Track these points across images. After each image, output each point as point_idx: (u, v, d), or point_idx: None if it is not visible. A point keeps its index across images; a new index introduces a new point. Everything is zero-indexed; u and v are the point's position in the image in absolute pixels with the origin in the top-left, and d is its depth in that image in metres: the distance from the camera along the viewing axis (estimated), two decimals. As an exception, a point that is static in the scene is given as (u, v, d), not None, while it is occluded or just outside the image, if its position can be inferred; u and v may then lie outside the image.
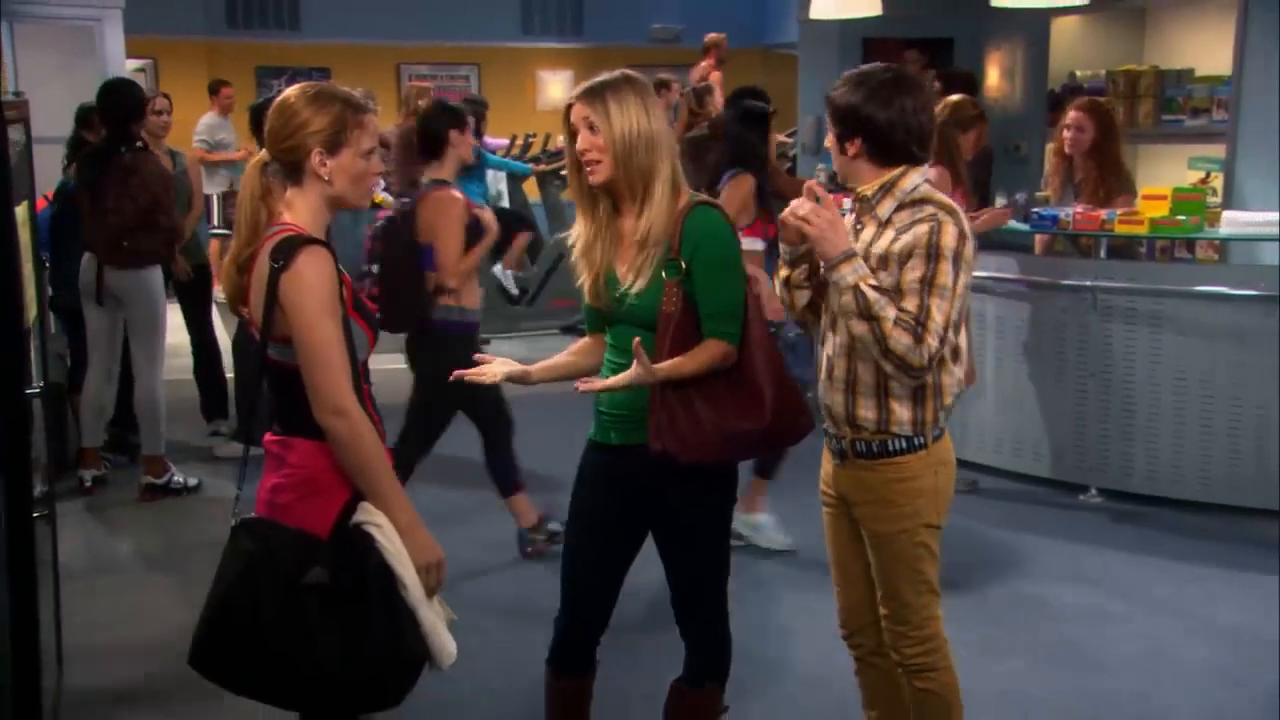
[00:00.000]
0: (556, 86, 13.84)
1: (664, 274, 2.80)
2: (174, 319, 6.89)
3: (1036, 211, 6.01)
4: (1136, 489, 5.74)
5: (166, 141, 6.87)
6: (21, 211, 3.36)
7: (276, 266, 2.50)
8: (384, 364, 3.66)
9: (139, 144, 5.93)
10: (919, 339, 2.72)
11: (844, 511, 3.07)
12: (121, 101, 5.92)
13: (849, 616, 3.19)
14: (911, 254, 2.77)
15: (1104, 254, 5.91)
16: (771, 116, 5.33)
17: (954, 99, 5.75)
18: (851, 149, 2.91)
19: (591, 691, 3.18)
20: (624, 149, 2.79)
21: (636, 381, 2.76)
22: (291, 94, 2.62)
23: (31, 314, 3.36)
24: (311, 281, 2.49)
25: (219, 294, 3.94)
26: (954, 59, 8.64)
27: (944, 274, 2.75)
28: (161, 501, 5.93)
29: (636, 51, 13.26)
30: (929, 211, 2.81)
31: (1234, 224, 5.92)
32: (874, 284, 2.75)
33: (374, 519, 2.53)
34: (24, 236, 3.27)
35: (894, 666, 3.09)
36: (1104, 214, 5.75)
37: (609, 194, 2.88)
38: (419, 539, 2.56)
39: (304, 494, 2.56)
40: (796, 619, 4.54)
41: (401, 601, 2.52)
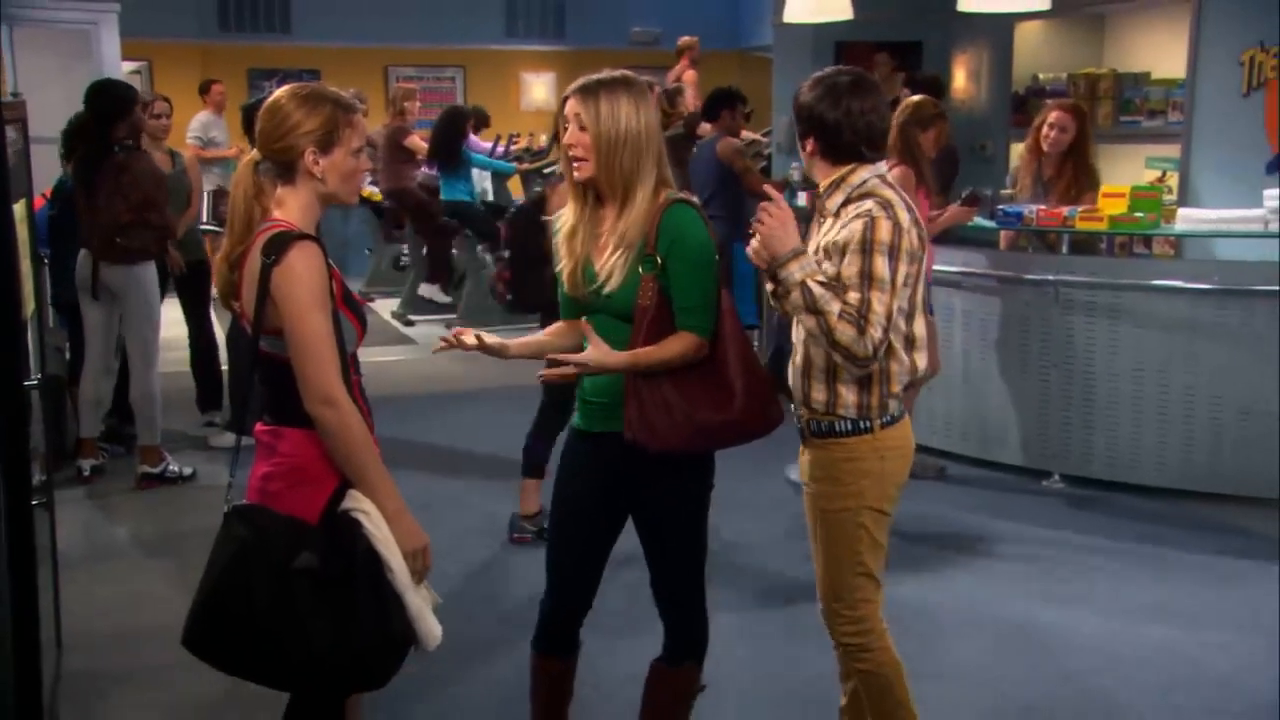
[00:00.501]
0: (540, 87, 13.82)
1: (640, 269, 2.80)
2: (172, 313, 6.88)
3: (1002, 209, 6.04)
4: (1096, 474, 5.78)
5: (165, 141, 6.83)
6: (19, 209, 3.35)
7: (268, 261, 2.49)
8: (373, 356, 3.66)
9: (130, 143, 5.91)
10: (862, 330, 2.76)
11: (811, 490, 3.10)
12: (109, 100, 5.88)
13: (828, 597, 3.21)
14: (848, 248, 2.82)
15: (1066, 249, 5.95)
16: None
17: (914, 99, 5.77)
18: (808, 146, 3.02)
19: (575, 671, 3.19)
20: (609, 150, 2.79)
21: (591, 362, 2.76)
22: (283, 96, 2.61)
23: (29, 309, 3.35)
24: (302, 275, 2.48)
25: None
26: (922, 62, 8.67)
27: (880, 267, 2.79)
28: (157, 490, 5.92)
29: (617, 54, 13.21)
30: (866, 207, 2.85)
31: (1189, 221, 5.96)
32: (821, 280, 2.81)
33: (362, 506, 2.53)
34: (22, 233, 3.25)
35: None
36: (1065, 211, 5.78)
37: (593, 188, 2.88)
38: (405, 525, 2.56)
39: (294, 482, 2.56)
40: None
41: (389, 586, 2.52)
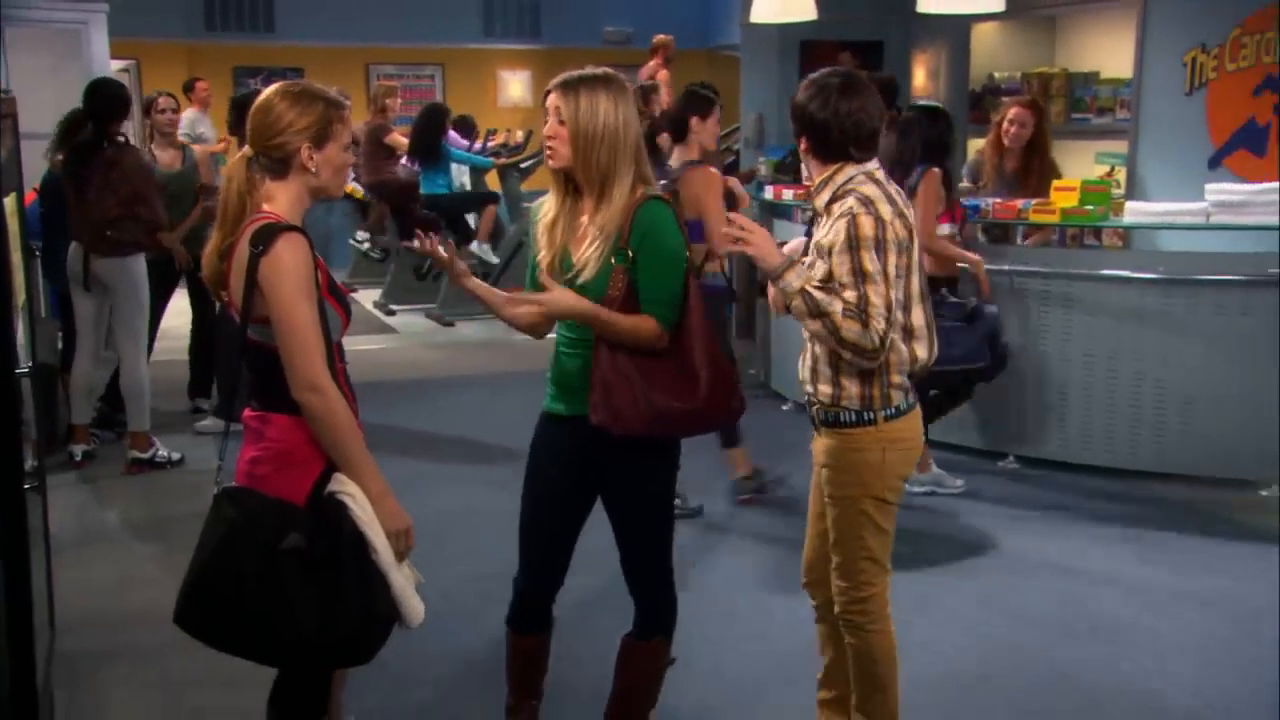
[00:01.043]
0: (516, 85, 13.78)
1: (613, 260, 2.80)
2: (178, 302, 6.85)
3: (960, 201, 6.05)
4: (1049, 456, 5.82)
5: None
6: (9, 203, 3.31)
7: (256, 251, 2.48)
8: (356, 344, 3.64)
9: (121, 139, 5.86)
10: (865, 324, 2.78)
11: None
12: (106, 99, 5.84)
13: (809, 568, 3.23)
14: (835, 248, 2.84)
15: (1020, 240, 5.97)
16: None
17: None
18: (802, 145, 3.02)
19: (549, 646, 3.19)
20: (584, 144, 2.78)
21: (552, 302, 2.76)
22: (275, 94, 2.59)
23: (20, 299, 3.31)
24: (289, 265, 2.47)
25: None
26: (884, 60, 8.68)
27: (869, 261, 2.80)
28: (147, 474, 5.88)
29: (590, 53, 13.09)
30: (848, 205, 2.86)
31: (1136, 213, 6.01)
32: (817, 284, 2.84)
33: (347, 489, 2.52)
34: (12, 226, 3.21)
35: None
36: (1020, 203, 5.81)
37: (571, 181, 2.87)
38: (389, 507, 2.56)
39: (281, 465, 2.55)
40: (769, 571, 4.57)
41: (373, 566, 2.51)
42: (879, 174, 2.98)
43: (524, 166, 11.25)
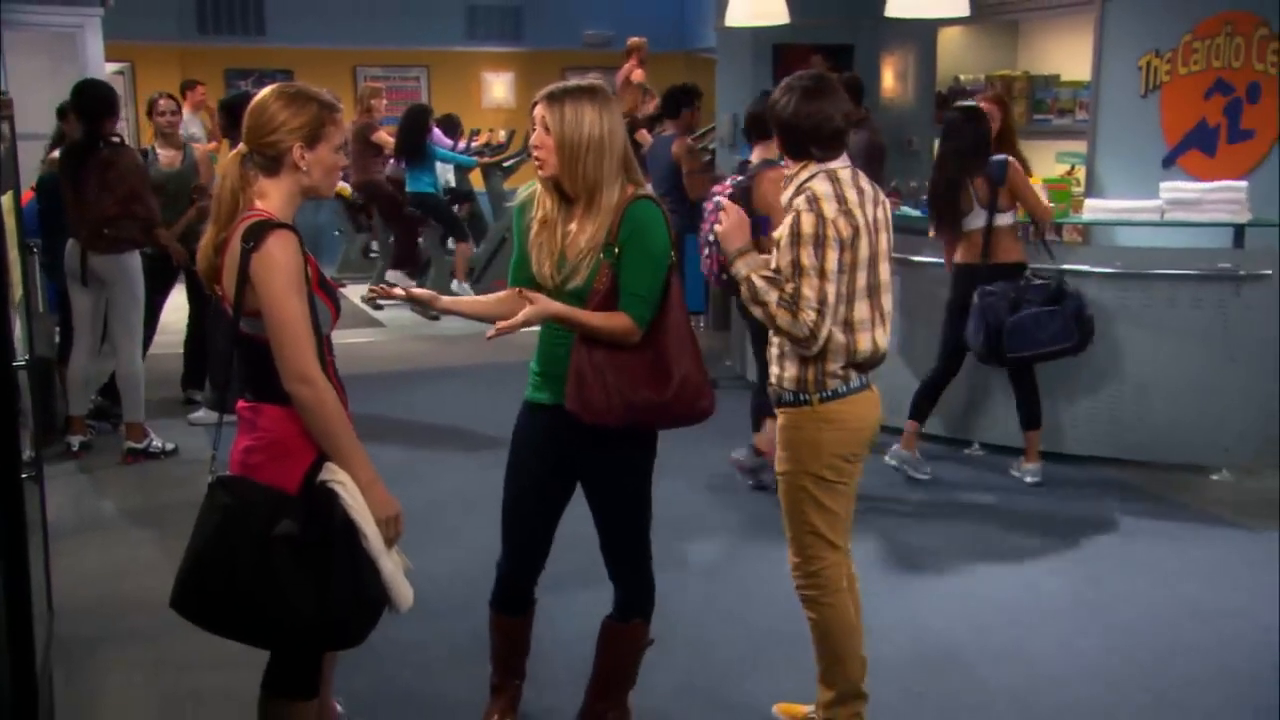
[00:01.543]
0: (499, 86, 13.74)
1: (601, 255, 2.80)
2: (175, 298, 6.80)
3: (926, 198, 6.06)
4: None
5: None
6: (7, 201, 3.28)
7: (247, 247, 2.47)
8: (344, 338, 3.63)
9: (116, 139, 5.81)
10: (795, 315, 2.86)
11: None
12: (93, 100, 5.78)
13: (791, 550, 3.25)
14: (781, 241, 2.93)
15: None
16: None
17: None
18: (777, 143, 3.10)
19: (531, 627, 3.20)
20: (570, 155, 2.77)
21: (533, 316, 2.74)
22: (271, 94, 2.59)
23: (18, 294, 3.28)
24: (280, 261, 2.46)
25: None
26: (854, 63, 8.69)
27: (805, 257, 2.88)
28: (142, 464, 5.85)
29: (571, 54, 13.18)
30: (797, 203, 2.94)
31: (1095, 210, 6.04)
32: (765, 274, 2.92)
33: (338, 477, 2.52)
34: (9, 223, 3.19)
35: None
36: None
37: (561, 189, 2.85)
38: (378, 495, 2.55)
39: (274, 455, 2.54)
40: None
41: (363, 552, 2.51)
42: (842, 172, 2.99)
43: (507, 165, 11.24)
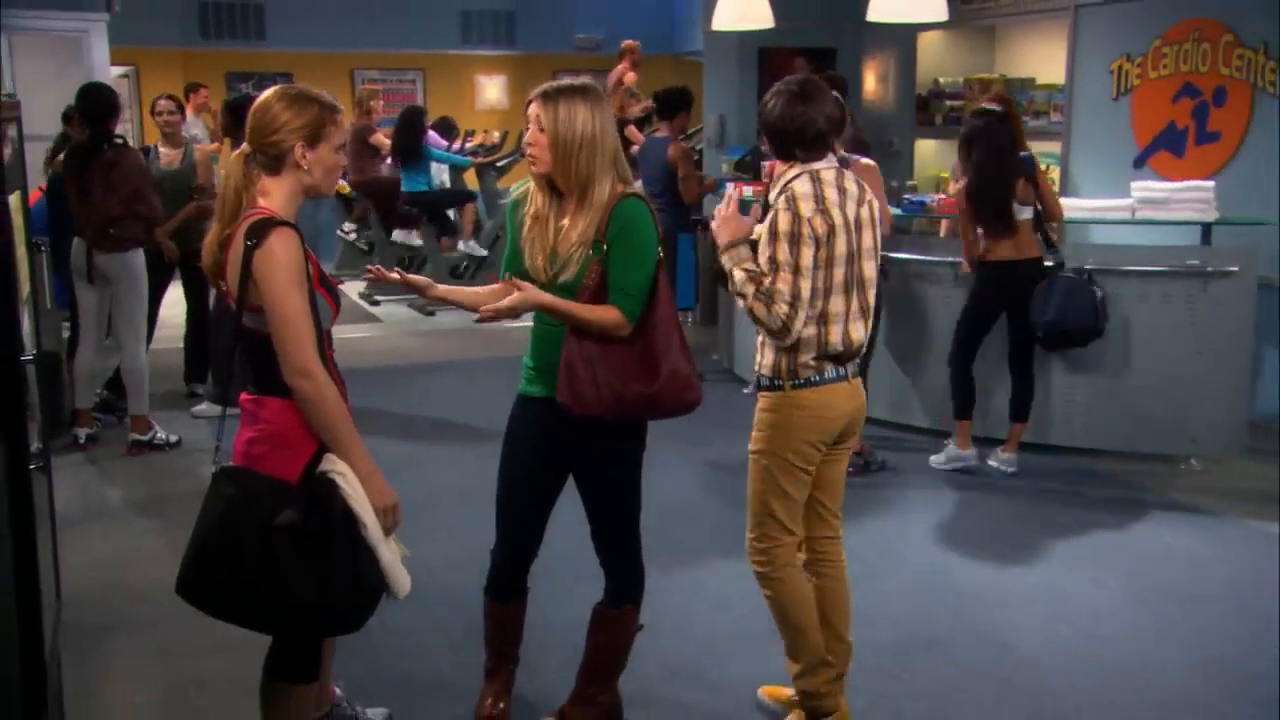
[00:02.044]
0: (493, 89, 13.72)
1: (590, 252, 2.79)
2: (173, 293, 6.77)
3: (907, 198, 6.09)
4: (990, 434, 5.86)
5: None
6: (14, 200, 3.26)
7: (250, 244, 2.47)
8: (343, 333, 3.62)
9: (118, 139, 5.80)
10: (769, 307, 2.90)
11: None
12: (96, 102, 5.77)
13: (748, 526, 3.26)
14: (762, 238, 2.97)
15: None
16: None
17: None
18: (765, 145, 3.12)
19: (524, 614, 3.20)
20: (563, 153, 2.76)
21: (520, 303, 2.74)
22: (274, 95, 2.59)
23: (25, 291, 3.27)
24: (281, 258, 2.46)
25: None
26: (836, 66, 8.70)
27: (782, 252, 2.91)
28: (146, 455, 5.83)
29: (563, 58, 13.16)
30: (778, 201, 2.97)
31: (1069, 209, 6.03)
32: (748, 268, 2.95)
33: (338, 468, 2.51)
34: (17, 222, 3.16)
35: (811, 565, 3.20)
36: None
37: (553, 185, 2.85)
38: (377, 485, 2.55)
39: (275, 446, 2.54)
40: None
41: (362, 540, 2.51)
42: (825, 173, 3.00)
43: (500, 165, 11.23)
